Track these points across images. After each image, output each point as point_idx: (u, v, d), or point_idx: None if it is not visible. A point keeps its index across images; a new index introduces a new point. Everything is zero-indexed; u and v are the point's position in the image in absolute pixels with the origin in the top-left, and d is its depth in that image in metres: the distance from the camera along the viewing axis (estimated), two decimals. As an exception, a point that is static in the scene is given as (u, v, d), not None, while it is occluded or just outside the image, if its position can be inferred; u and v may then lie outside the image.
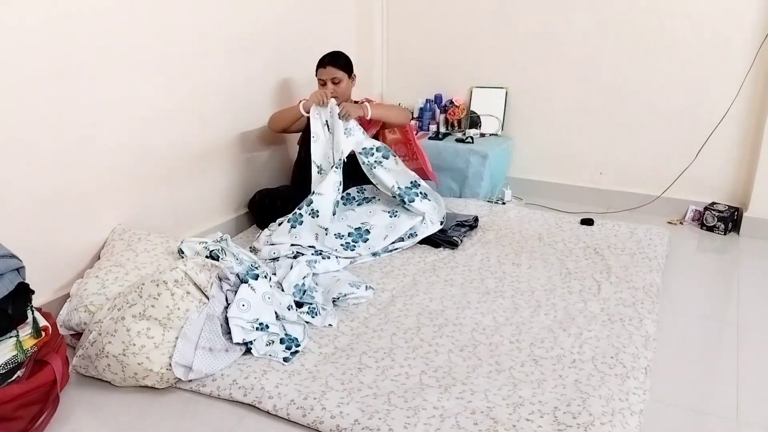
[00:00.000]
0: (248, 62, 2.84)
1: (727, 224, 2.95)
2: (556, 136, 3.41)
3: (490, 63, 3.48)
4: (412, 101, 3.68)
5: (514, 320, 2.08)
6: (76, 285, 2.06)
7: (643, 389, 1.70)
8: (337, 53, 2.82)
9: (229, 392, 1.71)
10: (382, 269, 2.47)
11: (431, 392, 1.68)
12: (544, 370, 1.79)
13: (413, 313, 2.12)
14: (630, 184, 3.29)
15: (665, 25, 3.01)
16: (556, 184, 3.45)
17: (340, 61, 2.80)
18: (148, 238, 2.23)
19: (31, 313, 1.66)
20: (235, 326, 1.81)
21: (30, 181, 1.96)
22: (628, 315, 2.09)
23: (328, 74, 2.77)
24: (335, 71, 2.78)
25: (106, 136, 2.20)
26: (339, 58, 2.81)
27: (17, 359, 1.54)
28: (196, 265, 1.82)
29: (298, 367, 1.81)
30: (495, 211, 3.12)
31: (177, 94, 2.47)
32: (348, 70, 2.83)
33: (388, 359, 1.85)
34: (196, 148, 2.62)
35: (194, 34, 2.51)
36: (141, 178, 2.38)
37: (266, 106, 3.01)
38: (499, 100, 3.48)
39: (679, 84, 3.05)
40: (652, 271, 2.42)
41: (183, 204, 2.61)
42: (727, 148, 3.03)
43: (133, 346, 1.69)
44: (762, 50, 2.84)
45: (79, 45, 2.04)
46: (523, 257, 2.58)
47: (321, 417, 1.58)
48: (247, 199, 2.93)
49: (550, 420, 1.57)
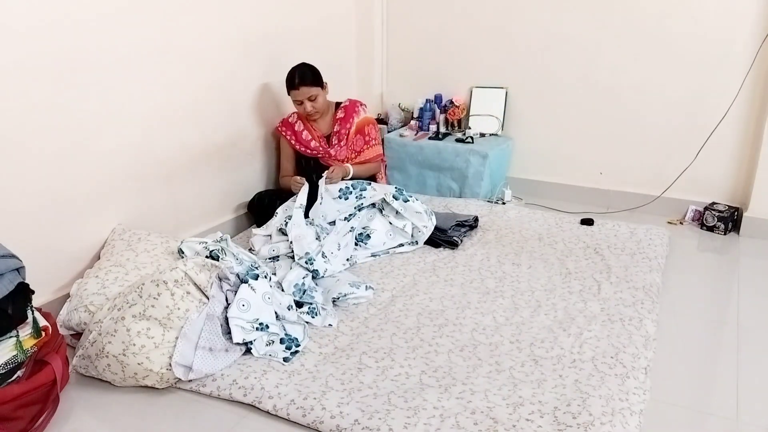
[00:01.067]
0: (248, 62, 2.84)
1: (727, 224, 2.95)
2: (556, 136, 3.41)
3: (490, 63, 3.48)
4: (412, 101, 3.68)
5: (514, 320, 2.08)
6: (76, 285, 2.06)
7: (643, 389, 1.70)
8: (302, 71, 2.74)
9: (229, 392, 1.71)
10: (382, 269, 2.47)
11: (431, 392, 1.68)
12: (544, 370, 1.79)
13: (413, 313, 2.12)
14: (630, 184, 3.29)
15: (665, 25, 3.01)
16: (556, 184, 3.45)
17: (308, 78, 2.74)
18: (148, 238, 2.23)
19: (31, 313, 1.66)
20: (235, 326, 1.81)
21: (30, 181, 1.96)
22: (628, 315, 2.09)
23: (302, 95, 2.75)
24: (309, 90, 2.74)
25: (107, 136, 2.20)
26: (306, 75, 2.74)
27: (17, 359, 1.54)
28: (196, 265, 1.82)
29: (298, 367, 1.81)
30: (495, 211, 3.12)
31: (177, 95, 2.47)
32: (319, 83, 2.78)
33: (388, 359, 1.85)
34: (196, 148, 2.62)
35: (194, 35, 2.51)
36: (141, 179, 2.38)
37: (266, 107, 3.01)
38: (499, 100, 3.48)
39: (680, 84, 3.05)
40: (652, 271, 2.42)
41: (183, 204, 2.61)
42: (727, 148, 3.03)
43: (133, 346, 1.69)
44: (762, 50, 2.84)
45: (79, 47, 2.04)
46: (523, 257, 2.58)
47: (321, 417, 1.58)
48: (247, 200, 2.93)
49: (550, 420, 1.57)
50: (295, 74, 2.75)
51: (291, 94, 2.80)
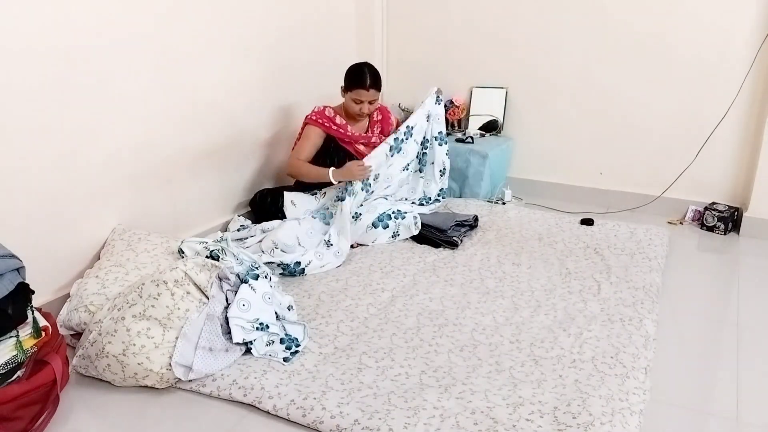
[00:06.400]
0: (248, 62, 2.84)
1: (727, 224, 2.95)
2: (556, 136, 3.41)
3: (490, 63, 3.48)
4: (412, 101, 3.68)
5: (514, 320, 2.08)
6: (76, 285, 2.06)
7: (643, 389, 1.70)
8: (375, 73, 2.74)
9: (229, 392, 1.71)
10: (382, 269, 2.47)
11: (431, 392, 1.68)
12: (544, 370, 1.79)
13: (413, 313, 2.12)
14: (630, 184, 3.29)
15: (665, 25, 3.01)
16: (556, 184, 3.45)
17: (379, 82, 2.76)
18: (148, 238, 2.23)
19: (31, 313, 1.66)
20: (236, 326, 1.81)
21: (30, 181, 1.96)
22: (628, 315, 2.09)
23: (369, 96, 2.73)
24: (376, 93, 2.75)
25: (107, 136, 2.20)
26: (378, 78, 2.75)
27: (17, 359, 1.54)
28: (196, 265, 1.82)
29: (298, 367, 1.81)
30: (495, 211, 3.12)
31: (177, 94, 2.47)
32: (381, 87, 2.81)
33: (388, 359, 1.85)
34: (196, 147, 2.62)
35: (194, 34, 2.51)
36: (141, 178, 2.38)
37: (266, 106, 3.01)
38: (499, 100, 3.48)
39: (680, 84, 3.05)
40: (652, 271, 2.42)
41: (183, 204, 2.61)
42: (727, 148, 3.03)
43: (133, 346, 1.69)
44: (762, 50, 2.84)
45: (79, 46, 2.04)
46: (523, 257, 2.58)
47: (321, 417, 1.58)
48: (247, 199, 2.93)
49: (550, 420, 1.57)
50: (367, 75, 2.71)
51: (354, 92, 2.73)
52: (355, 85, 2.72)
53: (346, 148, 2.85)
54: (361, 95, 2.72)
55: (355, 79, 2.72)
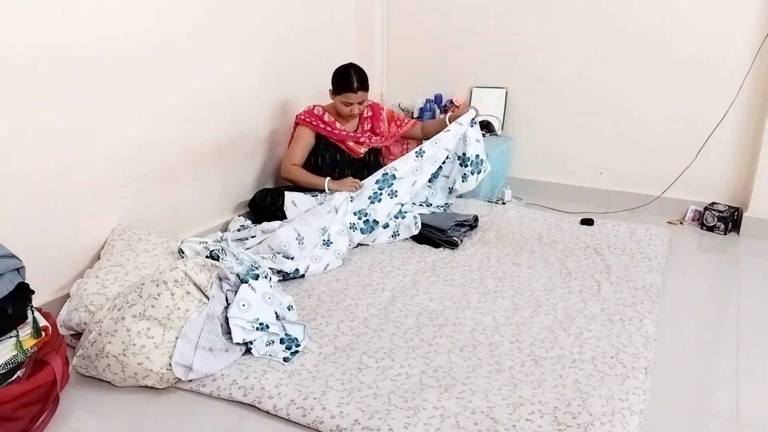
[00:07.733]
0: (248, 61, 2.84)
1: (727, 224, 2.95)
2: (556, 136, 3.41)
3: (490, 63, 3.48)
4: (412, 101, 3.68)
5: (514, 320, 2.08)
6: (76, 285, 2.06)
7: (643, 389, 1.70)
8: (361, 75, 2.75)
9: (229, 392, 1.71)
10: (382, 269, 2.47)
11: (431, 392, 1.68)
12: (544, 370, 1.79)
13: (413, 313, 2.12)
14: (630, 184, 3.29)
15: (665, 25, 3.01)
16: (556, 184, 3.45)
17: (366, 84, 2.77)
18: (148, 238, 2.23)
19: (31, 313, 1.66)
20: (236, 326, 1.81)
21: (30, 181, 1.96)
22: (628, 315, 2.09)
23: (358, 98, 2.75)
24: (364, 95, 2.76)
25: (107, 136, 2.20)
26: (365, 80, 2.76)
27: (17, 359, 1.54)
28: (196, 265, 1.82)
29: (298, 367, 1.81)
30: (495, 211, 3.12)
31: (177, 94, 2.47)
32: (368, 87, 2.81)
33: (388, 359, 1.85)
34: (196, 148, 2.62)
35: (194, 34, 2.51)
36: (141, 178, 2.38)
37: (266, 105, 3.01)
38: (499, 100, 3.48)
39: (680, 84, 3.05)
40: (652, 271, 2.42)
41: (183, 204, 2.61)
42: (727, 148, 3.03)
43: (133, 346, 1.69)
44: (762, 50, 2.84)
45: (79, 45, 2.04)
46: (523, 257, 2.59)
47: (321, 417, 1.58)
48: (247, 199, 2.93)
49: (550, 420, 1.57)
50: (354, 78, 2.72)
51: (343, 96, 2.75)
52: (344, 88, 2.75)
53: (335, 146, 2.88)
54: (350, 98, 2.75)
55: (342, 83, 2.75)
